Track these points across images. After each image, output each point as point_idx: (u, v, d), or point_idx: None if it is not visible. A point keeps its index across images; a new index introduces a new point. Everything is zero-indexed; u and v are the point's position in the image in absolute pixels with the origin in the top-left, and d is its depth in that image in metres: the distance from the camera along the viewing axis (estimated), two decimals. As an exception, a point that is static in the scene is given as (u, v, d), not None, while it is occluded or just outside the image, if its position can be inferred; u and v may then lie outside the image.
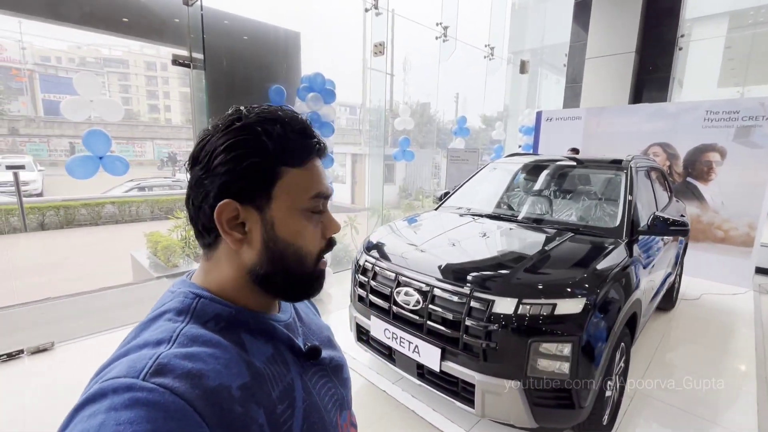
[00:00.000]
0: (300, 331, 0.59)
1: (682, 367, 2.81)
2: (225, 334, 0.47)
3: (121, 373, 0.38)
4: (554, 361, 1.65)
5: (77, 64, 34.67)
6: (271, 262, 0.50)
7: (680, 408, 2.33)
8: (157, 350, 0.41)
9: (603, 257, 1.95)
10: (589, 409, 1.74)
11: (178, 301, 0.49)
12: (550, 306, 1.66)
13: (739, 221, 4.49)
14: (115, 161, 2.92)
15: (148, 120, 38.29)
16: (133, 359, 0.40)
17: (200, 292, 0.49)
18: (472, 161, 5.72)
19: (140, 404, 0.35)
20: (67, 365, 2.69)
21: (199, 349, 0.43)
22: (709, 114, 4.60)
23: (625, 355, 2.13)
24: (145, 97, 38.47)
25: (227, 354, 0.45)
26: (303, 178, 0.50)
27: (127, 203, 10.20)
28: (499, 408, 1.73)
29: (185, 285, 0.52)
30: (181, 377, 0.38)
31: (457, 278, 1.87)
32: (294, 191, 0.50)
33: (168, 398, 0.36)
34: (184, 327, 0.45)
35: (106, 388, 0.37)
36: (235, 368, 0.44)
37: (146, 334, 0.45)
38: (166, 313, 0.47)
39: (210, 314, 0.48)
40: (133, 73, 37.80)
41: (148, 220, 10.17)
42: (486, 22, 7.77)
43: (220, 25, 3.54)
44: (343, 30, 6.51)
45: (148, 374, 0.37)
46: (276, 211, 0.49)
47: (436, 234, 2.47)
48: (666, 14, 5.79)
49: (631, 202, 2.42)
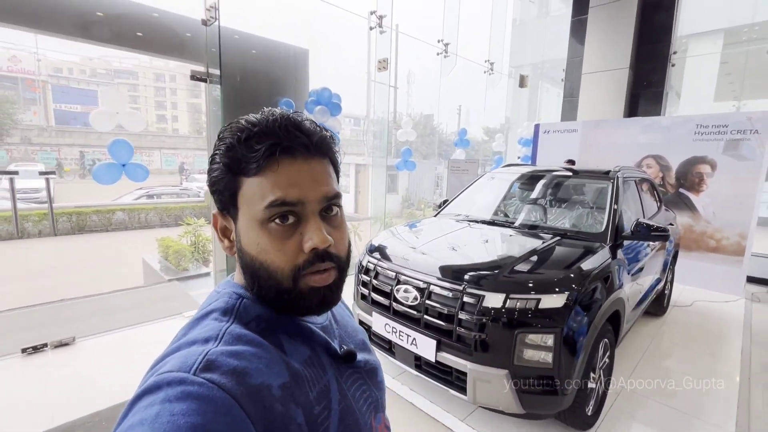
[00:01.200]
0: (336, 334, 0.59)
1: (668, 367, 2.95)
2: (265, 335, 0.48)
3: (174, 367, 0.40)
4: (538, 351, 1.81)
5: (88, 75, 35.57)
6: (246, 273, 0.51)
7: (664, 404, 2.47)
8: (205, 347, 0.43)
9: (586, 258, 2.13)
10: (571, 397, 1.89)
11: (223, 301, 0.50)
12: (534, 300, 1.84)
13: (730, 231, 4.64)
14: (137, 168, 3.15)
15: (156, 130, 39.02)
16: (185, 355, 0.42)
17: (243, 293, 0.51)
18: (472, 171, 5.93)
19: (192, 397, 0.37)
20: (87, 358, 2.87)
21: (243, 347, 0.44)
22: (699, 128, 4.78)
23: (609, 351, 2.28)
24: (154, 108, 39.30)
25: (268, 354, 0.46)
26: (260, 186, 0.47)
27: (136, 210, 10.48)
28: (489, 395, 1.89)
29: (229, 286, 0.53)
30: (228, 374, 0.40)
31: (451, 276, 2.05)
32: (251, 201, 0.48)
33: (216, 393, 0.38)
34: (229, 326, 0.47)
35: (161, 381, 0.39)
36: (275, 368, 0.45)
37: (195, 331, 0.47)
38: (213, 312, 0.49)
39: (252, 315, 0.49)
40: (142, 84, 38.71)
41: (157, 226, 10.44)
42: (486, 38, 8.05)
43: (235, 43, 3.80)
44: (349, 46, 6.81)
45: (198, 369, 0.39)
46: (240, 223, 0.49)
47: (434, 237, 2.66)
48: (659, 31, 6.03)
49: (616, 209, 2.60)
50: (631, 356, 3.08)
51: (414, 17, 8.90)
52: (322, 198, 0.49)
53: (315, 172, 0.49)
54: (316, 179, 0.49)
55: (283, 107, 0.52)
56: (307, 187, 0.48)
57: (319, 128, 0.52)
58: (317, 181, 0.49)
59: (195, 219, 6.22)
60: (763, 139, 4.35)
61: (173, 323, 3.51)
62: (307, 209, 0.48)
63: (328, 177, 0.51)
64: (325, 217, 0.51)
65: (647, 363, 2.99)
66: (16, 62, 24.16)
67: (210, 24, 3.45)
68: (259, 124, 0.48)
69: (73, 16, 3.17)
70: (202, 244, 5.79)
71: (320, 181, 0.49)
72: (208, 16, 3.45)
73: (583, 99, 6.52)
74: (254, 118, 0.49)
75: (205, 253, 5.70)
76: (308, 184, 0.48)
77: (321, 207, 0.49)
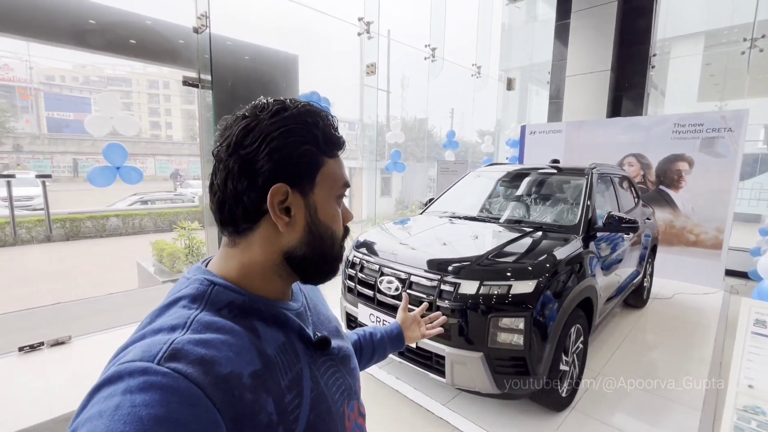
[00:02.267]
0: (310, 320, 0.60)
1: (645, 354, 3.08)
2: (238, 321, 0.47)
3: (136, 356, 0.39)
4: (510, 333, 1.93)
5: (81, 82, 35.54)
6: (309, 244, 0.53)
7: (640, 388, 2.59)
8: (171, 336, 0.42)
9: (557, 248, 2.26)
10: (543, 377, 2.01)
11: (193, 288, 0.49)
12: (506, 287, 1.96)
13: (708, 226, 4.81)
14: (131, 171, 3.25)
15: (149, 136, 38.94)
16: (149, 344, 0.41)
17: (215, 279, 0.50)
18: (460, 172, 6.07)
19: (155, 388, 0.36)
20: (83, 356, 2.96)
21: (213, 335, 0.43)
22: (677, 127, 4.97)
23: (583, 336, 2.41)
24: (147, 114, 39.30)
25: (240, 341, 0.45)
26: (337, 168, 0.56)
27: (131, 216, 10.52)
28: (466, 377, 2.01)
29: (200, 272, 0.53)
30: (194, 363, 0.39)
31: (430, 266, 2.17)
32: (331, 179, 0.55)
33: (181, 383, 0.37)
34: (198, 314, 0.46)
35: (122, 371, 0.38)
36: (247, 356, 0.45)
37: (161, 319, 0.46)
38: (181, 300, 0.48)
39: (224, 302, 0.49)
40: (135, 91, 38.74)
41: (151, 232, 10.49)
42: (473, 43, 8.25)
43: (226, 49, 3.93)
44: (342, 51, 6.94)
45: (162, 359, 0.38)
46: (318, 197, 0.53)
47: (417, 233, 2.79)
48: (639, 35, 6.24)
49: (589, 204, 2.74)
50: (611, 344, 3.21)
51: (403, 23, 9.08)
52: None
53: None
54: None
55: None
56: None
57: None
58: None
59: (189, 222, 6.30)
60: (737, 136, 4.53)
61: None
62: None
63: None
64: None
65: (626, 350, 3.12)
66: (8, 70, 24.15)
67: (201, 32, 3.57)
68: (329, 116, 0.56)
69: (66, 24, 3.27)
70: (196, 246, 5.87)
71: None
72: (199, 24, 3.57)
73: (568, 100, 6.71)
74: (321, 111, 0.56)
75: (199, 256, 5.78)
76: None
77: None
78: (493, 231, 2.70)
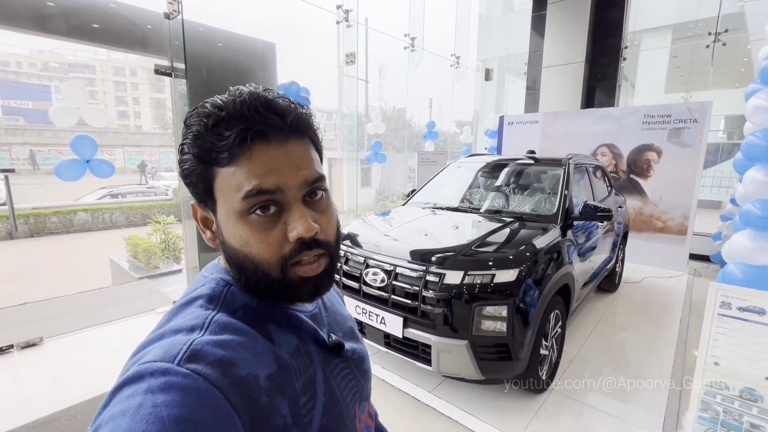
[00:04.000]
0: (325, 321, 0.58)
1: (618, 335, 3.24)
2: (253, 324, 0.46)
3: (157, 356, 0.39)
4: (494, 321, 1.99)
5: (40, 69, 33.39)
6: (231, 264, 0.49)
7: (614, 368, 2.74)
8: (190, 336, 0.41)
9: (536, 237, 2.33)
10: (525, 362, 2.09)
11: (210, 287, 0.48)
12: (490, 276, 2.02)
13: (675, 212, 5.06)
14: (102, 164, 3.11)
15: (117, 127, 37.25)
16: (169, 344, 0.40)
17: (230, 280, 0.49)
18: (440, 162, 6.13)
19: (175, 388, 0.36)
20: (56, 357, 2.84)
21: (230, 337, 0.43)
22: (647, 117, 5.16)
23: (561, 321, 2.51)
24: (114, 104, 37.45)
25: (255, 343, 0.44)
26: (234, 177, 0.44)
27: (100, 210, 10.09)
28: (452, 364, 2.06)
29: (216, 270, 0.52)
30: (213, 364, 0.39)
31: (416, 258, 2.20)
32: (227, 193, 0.45)
33: (201, 384, 0.37)
34: (215, 315, 0.45)
35: (143, 370, 0.38)
36: (263, 358, 0.44)
37: (179, 319, 0.45)
38: (198, 299, 0.47)
39: (239, 303, 0.48)
40: (100, 78, 36.76)
41: (123, 226, 10.11)
42: (452, 33, 8.25)
43: (200, 37, 3.78)
44: (319, 41, 6.81)
45: (182, 359, 0.38)
46: (220, 216, 0.47)
47: (400, 224, 2.81)
48: (611, 27, 6.40)
49: (566, 193, 2.83)
50: (586, 326, 3.36)
51: (382, 12, 8.99)
52: (303, 183, 0.46)
53: (293, 155, 0.46)
54: (294, 163, 0.45)
55: (252, 85, 0.48)
56: (286, 172, 0.45)
57: (294, 105, 0.48)
58: (296, 165, 0.46)
59: (164, 216, 6.10)
60: (701, 127, 4.76)
61: (146, 320, 3.50)
62: (288, 196, 0.45)
63: (309, 159, 0.47)
64: (309, 203, 0.47)
65: (600, 332, 3.27)
66: (-43, 55, 22.37)
67: (173, 17, 3.42)
68: (227, 108, 0.44)
69: (24, 6, 3.07)
70: (172, 241, 5.71)
71: (299, 165, 0.46)
72: (171, 9, 3.42)
73: (544, 91, 6.84)
74: (220, 101, 0.45)
75: (176, 251, 5.63)
76: (286, 170, 0.45)
77: (303, 193, 0.46)
78: (474, 221, 2.75)
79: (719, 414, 1.40)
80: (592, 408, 2.30)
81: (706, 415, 1.43)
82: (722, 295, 1.40)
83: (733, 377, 1.36)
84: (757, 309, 1.34)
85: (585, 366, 2.75)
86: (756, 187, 1.61)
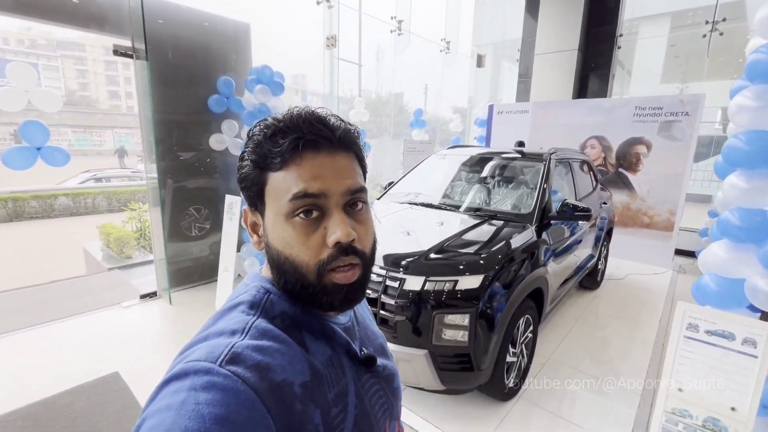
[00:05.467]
0: (357, 336, 0.59)
1: (594, 334, 3.16)
2: (289, 332, 0.48)
3: (201, 356, 0.41)
4: (456, 330, 1.88)
5: (27, 46, 32.31)
6: (273, 268, 0.51)
7: (586, 371, 2.65)
8: (231, 339, 0.43)
9: (508, 239, 2.20)
10: (488, 372, 1.99)
11: (251, 294, 0.51)
12: (452, 282, 1.89)
13: (662, 208, 4.95)
14: (54, 152, 2.92)
15: (108, 107, 36.40)
16: (212, 345, 0.43)
17: (270, 288, 0.52)
18: (427, 152, 5.94)
19: (216, 388, 0.38)
20: (8, 356, 2.71)
21: (268, 343, 0.45)
22: (638, 110, 5.00)
23: (532, 326, 2.40)
24: (105, 84, 36.49)
25: (291, 351, 0.46)
26: (284, 181, 0.48)
27: (82, 195, 9.83)
28: (411, 374, 1.95)
29: (257, 279, 0.54)
30: (252, 368, 0.41)
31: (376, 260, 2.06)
32: (276, 196, 0.49)
33: (240, 386, 0.39)
34: (256, 320, 0.47)
35: (188, 369, 0.40)
36: (298, 366, 0.45)
37: (223, 322, 0.47)
38: (240, 305, 0.50)
39: (277, 311, 0.50)
40: (90, 58, 35.71)
41: (105, 212, 9.87)
42: (443, 17, 7.95)
43: (164, 15, 3.53)
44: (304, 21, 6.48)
45: (224, 361, 0.40)
46: (267, 219, 0.50)
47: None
48: (606, 14, 6.16)
49: (545, 191, 2.69)
50: (564, 326, 3.27)
51: (372, -8, 8.61)
52: (346, 191, 0.49)
53: (339, 165, 0.49)
54: (339, 173, 0.49)
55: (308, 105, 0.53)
56: (331, 179, 0.48)
57: (344, 122, 0.53)
58: (341, 174, 0.49)
59: (140, 204, 5.91)
60: (692, 120, 4.61)
61: (110, 314, 3.37)
62: (331, 202, 0.48)
63: (353, 171, 0.51)
64: (350, 212, 0.50)
65: (577, 332, 3.19)
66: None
67: (132, -7, 3.18)
68: (284, 120, 0.49)
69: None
70: (148, 230, 5.52)
71: (344, 175, 0.49)
72: (130, -15, 3.17)
73: (536, 80, 6.63)
74: (281, 115, 0.51)
75: (150, 241, 5.45)
76: (331, 177, 0.48)
77: (345, 201, 0.49)
78: (446, 220, 2.61)
79: (680, 443, 1.30)
80: (560, 418, 2.21)
81: (666, 443, 1.33)
82: (689, 317, 1.28)
83: (696, 405, 1.26)
84: (726, 333, 1.22)
85: (557, 369, 2.66)
86: (736, 194, 1.47)
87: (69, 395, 2.28)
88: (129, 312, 3.43)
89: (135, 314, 3.40)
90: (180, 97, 3.73)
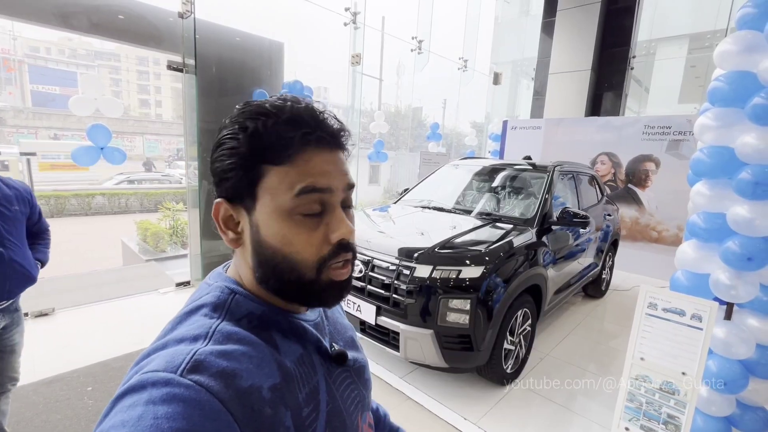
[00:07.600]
0: (327, 331, 0.58)
1: (593, 337, 3.35)
2: (258, 333, 0.46)
3: (159, 366, 0.38)
4: (458, 313, 2.15)
5: (68, 56, 34.47)
6: (262, 266, 0.48)
7: (580, 367, 2.85)
8: (193, 346, 0.41)
9: (509, 238, 2.47)
10: (486, 354, 2.24)
11: (214, 296, 0.48)
12: (456, 271, 2.17)
13: (670, 223, 5.09)
14: (114, 152, 3.36)
15: (138, 115, 38.22)
16: (172, 353, 0.40)
17: (235, 288, 0.49)
18: (442, 163, 6.26)
19: (177, 400, 0.35)
20: (66, 326, 3.11)
21: (234, 347, 0.43)
22: (647, 128, 5.20)
23: (530, 319, 2.64)
24: (136, 92, 38.43)
25: (260, 353, 0.44)
26: (288, 176, 0.46)
27: (117, 195, 10.52)
28: (417, 351, 2.22)
29: (221, 278, 0.52)
30: (216, 376, 0.38)
31: (391, 251, 2.37)
32: (277, 191, 0.46)
33: (203, 396, 0.36)
34: (220, 324, 0.45)
35: (145, 380, 0.37)
36: (266, 368, 0.44)
37: (183, 328, 0.45)
38: (203, 308, 0.47)
39: (243, 312, 0.48)
40: (124, 68, 37.76)
41: (137, 211, 10.52)
42: (461, 37, 8.35)
43: (210, 35, 4.00)
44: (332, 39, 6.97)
45: (185, 370, 0.38)
46: (260, 214, 0.47)
47: (386, 220, 2.98)
48: (620, 36, 6.41)
49: (546, 198, 2.95)
50: (566, 328, 3.48)
51: (393, 13, 9.11)
52: (346, 186, 0.50)
53: (340, 162, 0.50)
54: (341, 169, 0.49)
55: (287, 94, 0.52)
56: (335, 175, 0.48)
57: (340, 121, 0.52)
58: (343, 171, 0.50)
59: (174, 204, 6.40)
60: (700, 140, 4.78)
61: (149, 298, 3.76)
62: (334, 198, 0.48)
63: (347, 167, 0.52)
64: (345, 211, 0.51)
65: (577, 334, 3.38)
66: (-9, 41, 23.34)
67: (186, 17, 3.64)
68: (287, 111, 0.47)
69: (50, 4, 3.32)
70: (180, 227, 5.99)
71: (345, 171, 0.50)
72: (185, 9, 3.64)
73: (550, 97, 6.89)
74: (277, 104, 0.48)
75: (183, 236, 5.91)
76: (335, 173, 0.48)
77: (344, 196, 0.50)
78: (455, 221, 2.89)
79: (642, 404, 1.53)
80: (553, 403, 2.43)
81: (631, 405, 1.57)
82: (650, 297, 1.53)
83: (655, 371, 1.49)
84: (678, 310, 1.47)
85: (554, 364, 2.88)
86: (701, 200, 1.72)
87: (122, 360, 2.64)
88: (166, 297, 3.83)
89: (171, 299, 3.79)
90: (220, 108, 4.18)
